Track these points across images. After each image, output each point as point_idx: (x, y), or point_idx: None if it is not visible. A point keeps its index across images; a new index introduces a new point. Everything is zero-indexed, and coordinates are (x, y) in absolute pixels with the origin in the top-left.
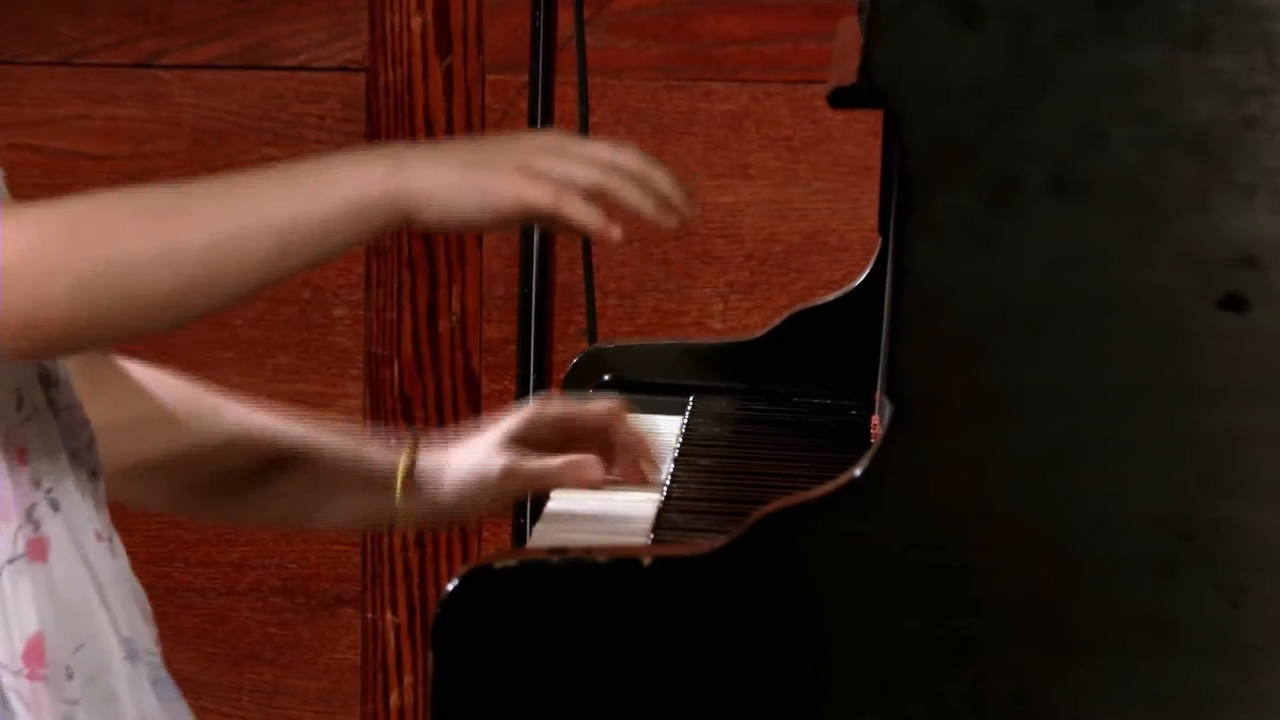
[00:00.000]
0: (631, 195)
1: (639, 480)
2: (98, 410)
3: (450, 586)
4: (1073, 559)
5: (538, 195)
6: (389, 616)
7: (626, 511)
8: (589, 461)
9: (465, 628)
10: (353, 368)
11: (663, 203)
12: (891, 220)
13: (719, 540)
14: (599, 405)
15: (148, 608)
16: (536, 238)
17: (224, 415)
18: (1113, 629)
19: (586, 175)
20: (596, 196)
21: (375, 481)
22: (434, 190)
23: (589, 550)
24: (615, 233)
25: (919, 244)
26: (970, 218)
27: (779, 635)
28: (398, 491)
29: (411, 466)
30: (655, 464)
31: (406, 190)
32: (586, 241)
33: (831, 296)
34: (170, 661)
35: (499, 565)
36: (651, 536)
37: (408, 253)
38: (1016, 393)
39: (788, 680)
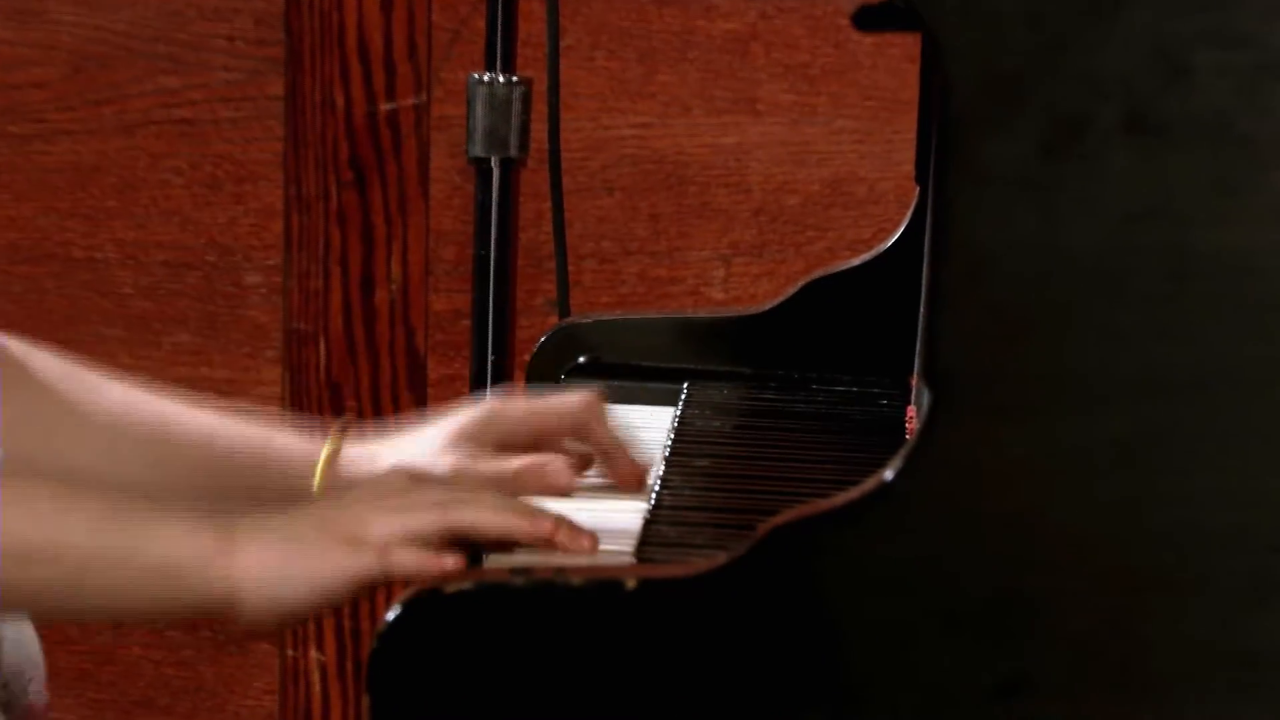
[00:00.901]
0: (490, 530)
1: (623, 485)
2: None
3: (390, 616)
4: (1147, 578)
5: (361, 565)
6: (313, 654)
7: (606, 523)
8: (555, 463)
9: (409, 666)
10: (269, 348)
11: (544, 536)
12: (931, 167)
13: (718, 558)
14: (572, 398)
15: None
16: (496, 186)
17: (105, 396)
18: (1194, 662)
19: (422, 522)
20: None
21: (288, 477)
22: (258, 579)
23: (560, 571)
24: (449, 564)
25: (965, 196)
26: (1026, 165)
27: (791, 675)
28: (315, 487)
29: (335, 457)
30: (641, 466)
31: (230, 577)
32: (557, 193)
33: (858, 260)
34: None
35: (450, 589)
36: (637, 554)
37: (336, 203)
38: (1081, 377)
39: None
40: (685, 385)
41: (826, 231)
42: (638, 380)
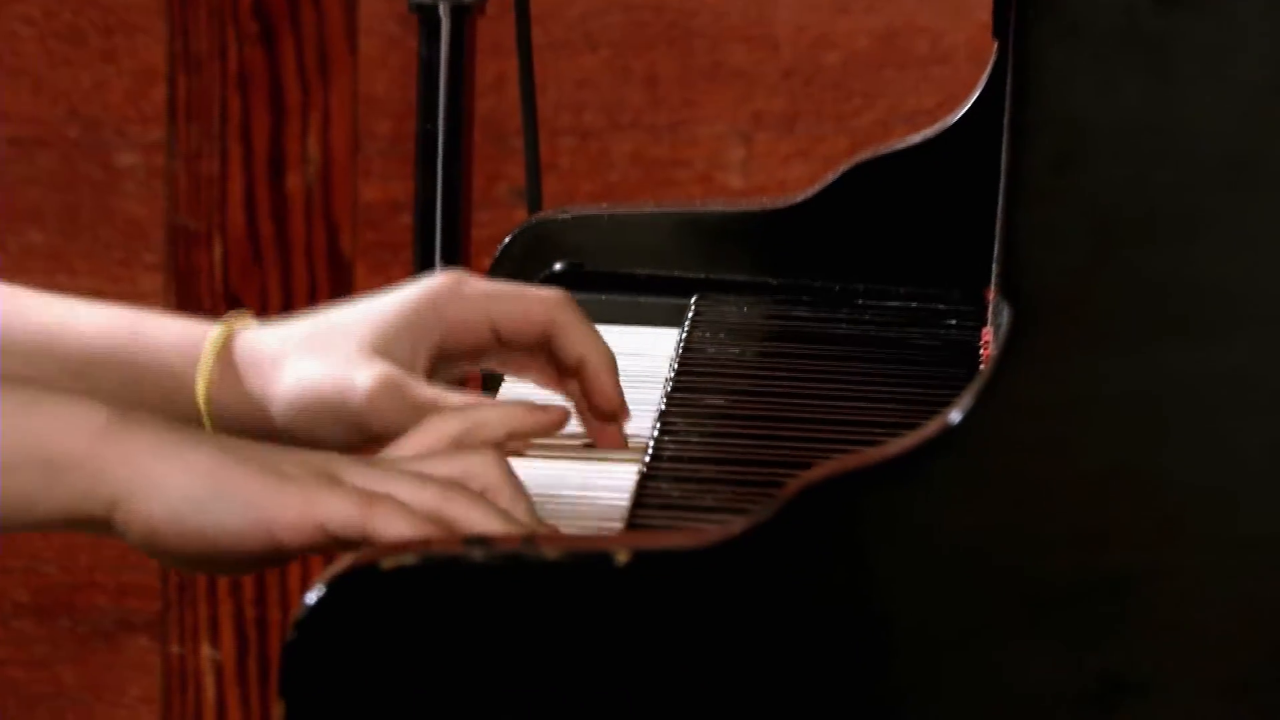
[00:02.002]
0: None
1: (600, 421)
2: None
3: (310, 599)
4: None
5: (338, 507)
6: (204, 650)
7: (591, 480)
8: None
9: (334, 663)
10: (148, 250)
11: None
12: (1013, 16)
13: (734, 525)
14: (544, 291)
15: None
16: (446, 39)
17: None
18: None
19: (417, 493)
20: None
21: (163, 378)
22: (163, 479)
23: (529, 540)
24: None
25: (1057, 55)
26: (1137, 15)
27: (825, 676)
28: (199, 386)
29: (226, 345)
30: (622, 401)
31: (126, 464)
32: (526, 49)
33: (917, 138)
34: None
35: (388, 564)
36: (630, 518)
37: (236, 61)
38: (1205, 293)
39: None
40: (693, 300)
41: (876, 99)
42: (631, 293)
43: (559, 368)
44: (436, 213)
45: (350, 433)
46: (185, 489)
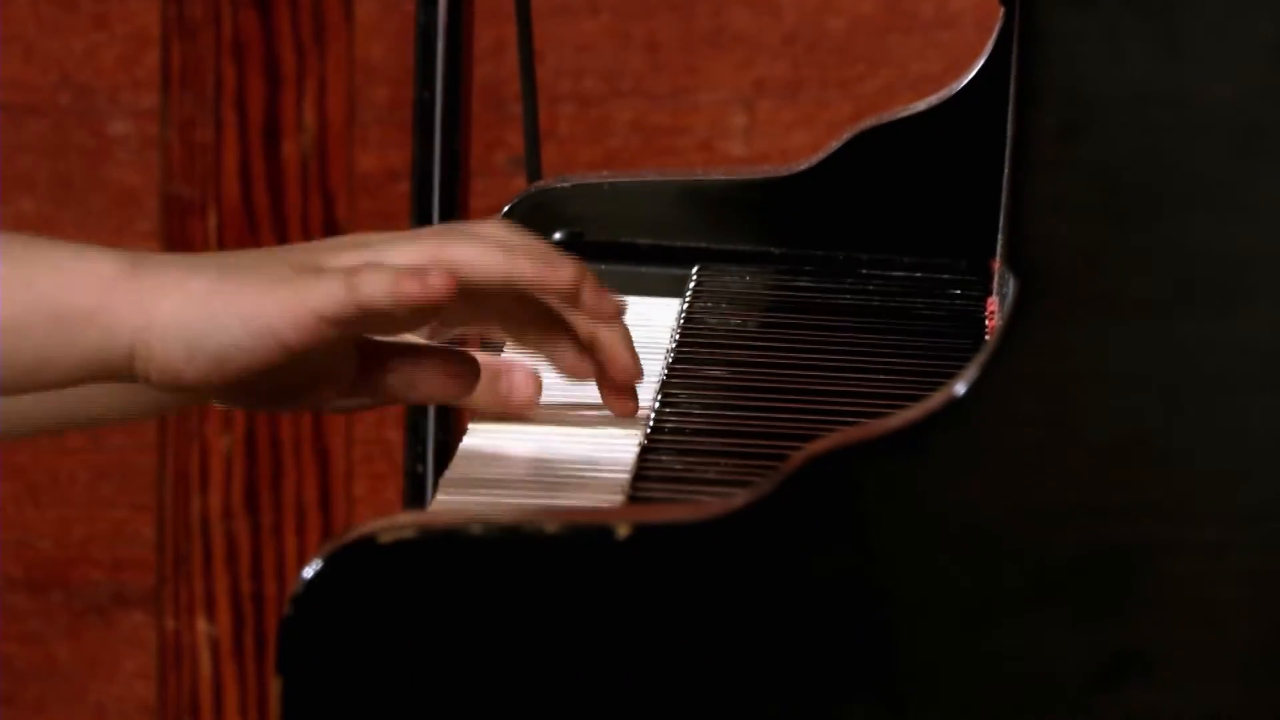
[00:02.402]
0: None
1: (616, 402)
2: None
3: (307, 573)
4: None
5: (320, 293)
6: (200, 625)
7: (590, 453)
8: (517, 372)
9: (332, 639)
10: (142, 218)
11: (564, 344)
12: None
13: (737, 498)
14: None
15: None
16: (443, 3)
17: None
18: None
19: (403, 254)
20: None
21: None
22: (170, 317)
23: (530, 515)
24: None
25: (1065, 20)
26: None
27: (830, 654)
28: None
29: None
30: (635, 373)
31: (138, 311)
32: (524, 13)
33: (922, 105)
34: None
35: (386, 538)
36: (631, 491)
37: (231, 27)
38: (1216, 263)
39: None
40: (695, 270)
41: (881, 65)
42: (631, 263)
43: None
44: (434, 181)
45: (334, 396)
46: (190, 320)
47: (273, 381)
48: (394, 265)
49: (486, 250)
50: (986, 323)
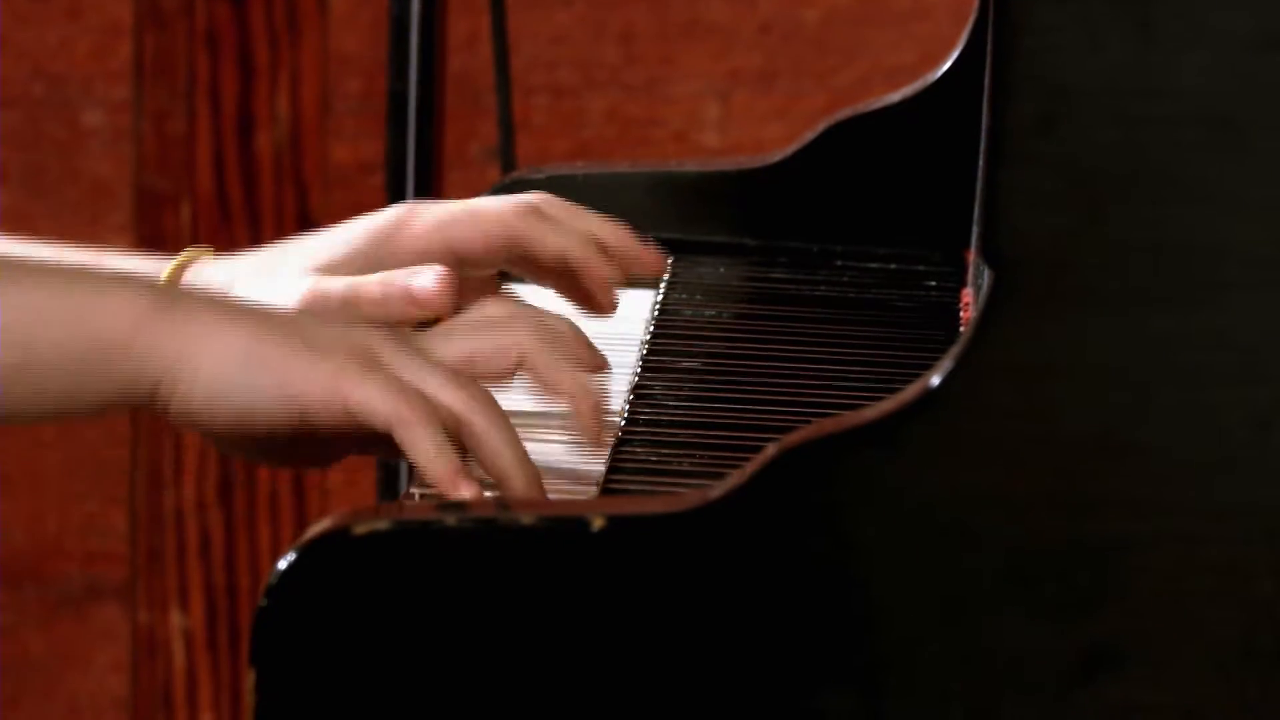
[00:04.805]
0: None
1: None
2: None
3: (281, 566)
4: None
5: (363, 397)
6: (173, 617)
7: (565, 448)
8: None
9: (307, 632)
10: (115, 210)
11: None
12: None
13: (711, 490)
14: (507, 202)
15: None
16: None
17: None
18: None
19: (453, 398)
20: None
21: None
22: (202, 362)
23: (504, 505)
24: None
25: (1039, 12)
26: None
27: (805, 647)
28: None
29: (178, 274)
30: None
31: (171, 347)
32: (499, 4)
33: (897, 96)
34: None
35: (361, 529)
36: (605, 482)
37: (204, 18)
38: (1191, 254)
39: (817, 717)
40: (669, 261)
41: (856, 56)
42: None
43: (547, 274)
44: (408, 173)
45: None
46: (222, 369)
47: (287, 444)
48: (434, 387)
49: (504, 439)
50: (961, 314)
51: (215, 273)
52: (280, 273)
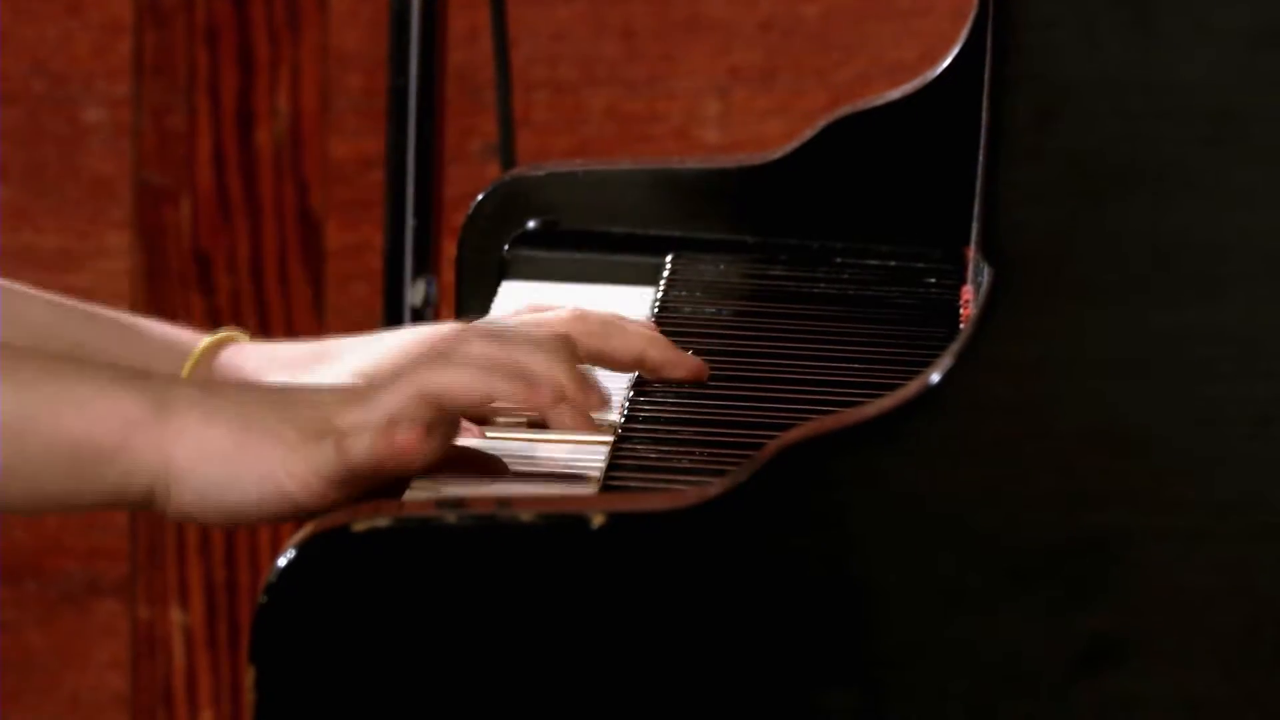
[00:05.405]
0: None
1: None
2: None
3: (280, 563)
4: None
5: (321, 462)
6: (173, 614)
7: (565, 449)
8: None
9: (306, 629)
10: (115, 207)
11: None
12: None
13: (710, 487)
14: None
15: None
16: None
17: None
18: None
19: (398, 398)
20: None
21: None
22: (187, 468)
23: (504, 503)
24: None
25: (1039, 10)
26: None
27: (805, 645)
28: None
29: (210, 353)
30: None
31: (158, 455)
32: (499, 0)
33: (897, 93)
34: None
35: (360, 527)
36: (604, 480)
37: (204, 13)
38: (1192, 250)
39: (818, 714)
40: (669, 259)
41: (856, 53)
42: (605, 252)
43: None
44: (408, 169)
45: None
46: (206, 471)
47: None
48: (379, 421)
49: (464, 376)
50: (961, 311)
51: (247, 356)
52: (319, 374)
